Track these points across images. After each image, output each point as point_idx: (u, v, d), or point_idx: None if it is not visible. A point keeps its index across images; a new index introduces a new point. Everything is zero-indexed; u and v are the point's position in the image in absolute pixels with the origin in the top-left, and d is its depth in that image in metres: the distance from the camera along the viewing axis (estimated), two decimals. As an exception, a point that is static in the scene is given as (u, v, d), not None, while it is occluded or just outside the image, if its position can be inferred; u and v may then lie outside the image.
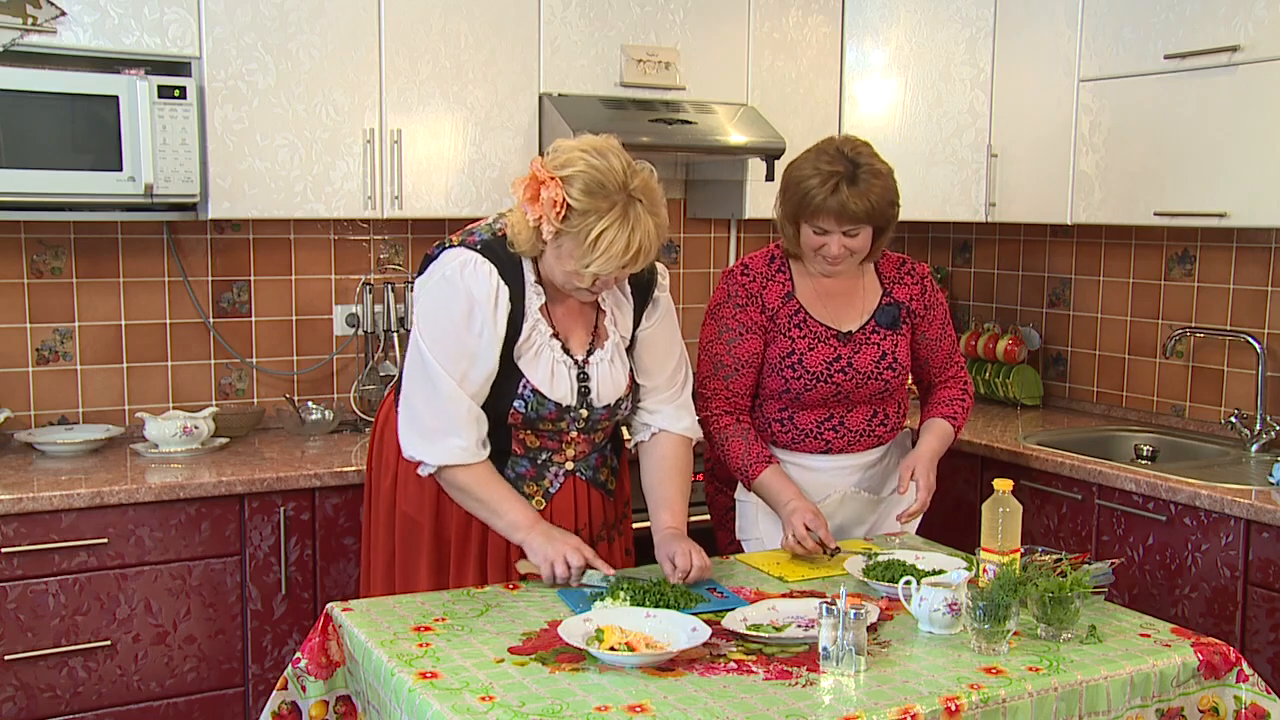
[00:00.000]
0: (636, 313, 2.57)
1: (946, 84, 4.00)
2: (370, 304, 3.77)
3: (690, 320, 4.36)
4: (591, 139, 2.36)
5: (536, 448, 2.51)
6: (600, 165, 2.28)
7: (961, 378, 2.99)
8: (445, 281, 2.39)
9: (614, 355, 2.53)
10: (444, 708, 1.82)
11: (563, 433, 2.51)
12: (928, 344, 2.92)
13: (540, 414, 2.44)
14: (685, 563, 2.39)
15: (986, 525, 2.24)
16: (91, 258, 3.47)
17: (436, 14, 3.46)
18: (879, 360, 2.83)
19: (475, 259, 2.38)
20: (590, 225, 2.27)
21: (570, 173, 2.28)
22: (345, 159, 3.38)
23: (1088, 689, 1.98)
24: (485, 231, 2.44)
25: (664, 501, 2.57)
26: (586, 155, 2.30)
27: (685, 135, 3.64)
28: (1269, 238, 3.61)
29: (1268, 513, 2.91)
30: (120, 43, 3.10)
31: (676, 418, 2.63)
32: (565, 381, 2.45)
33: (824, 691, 1.90)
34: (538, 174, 2.30)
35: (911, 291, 2.89)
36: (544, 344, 2.44)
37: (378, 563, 2.62)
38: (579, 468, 2.57)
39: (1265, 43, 3.21)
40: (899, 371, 2.86)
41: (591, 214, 2.27)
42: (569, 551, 2.35)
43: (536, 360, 2.43)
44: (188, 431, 3.30)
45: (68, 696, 2.94)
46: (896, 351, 2.85)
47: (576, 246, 2.29)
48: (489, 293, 2.37)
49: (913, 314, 2.90)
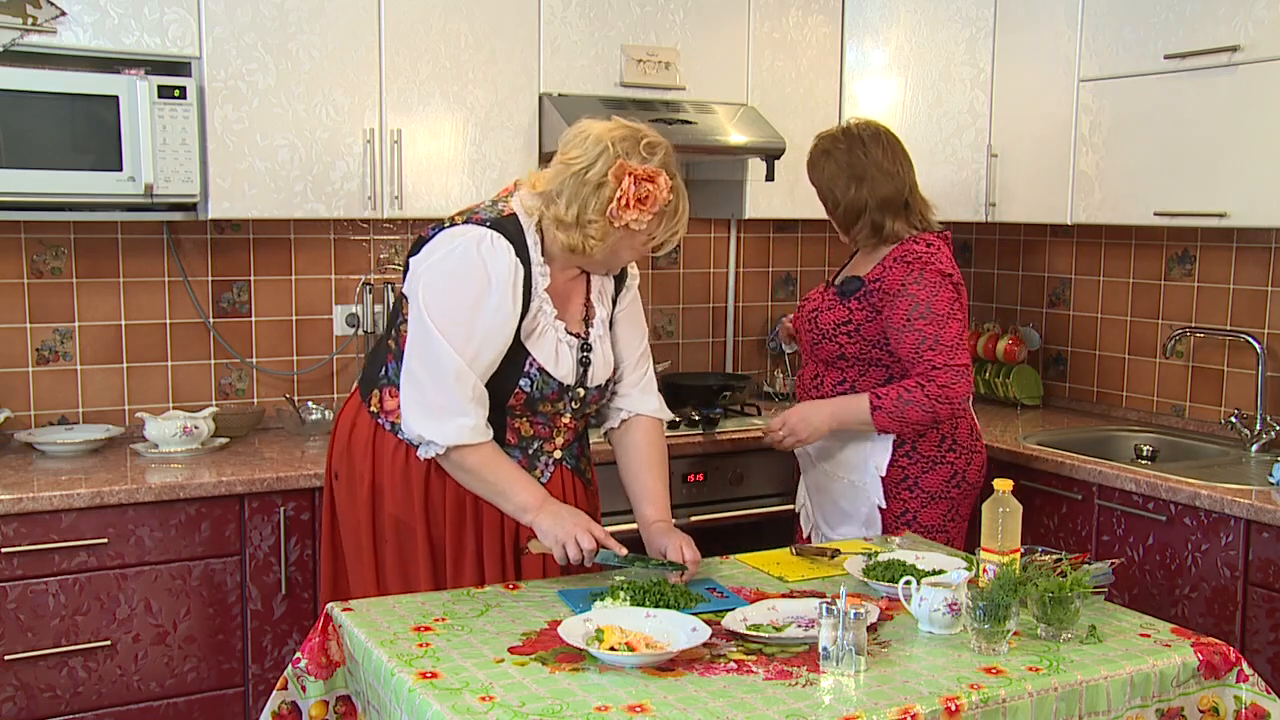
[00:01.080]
0: (615, 293, 2.59)
1: (946, 84, 4.00)
2: (370, 304, 3.77)
3: (690, 320, 4.37)
4: (612, 124, 2.39)
5: (530, 436, 2.51)
6: (656, 140, 2.37)
7: (925, 377, 2.90)
8: (460, 257, 2.34)
9: (604, 332, 2.55)
10: (444, 708, 1.82)
11: (557, 416, 2.50)
12: (892, 333, 2.98)
13: (544, 394, 2.44)
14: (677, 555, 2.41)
15: (986, 525, 2.23)
16: (91, 258, 3.47)
17: (436, 14, 3.46)
18: (815, 317, 3.10)
19: (492, 235, 2.36)
20: (676, 199, 2.37)
21: (657, 161, 2.34)
22: (345, 159, 3.38)
23: (1088, 689, 1.98)
24: (490, 211, 2.43)
25: (646, 493, 2.56)
26: (647, 134, 2.36)
27: (685, 135, 3.64)
28: (1269, 238, 3.61)
29: (1268, 513, 2.91)
30: (120, 43, 3.10)
31: (644, 400, 2.64)
32: (568, 360, 2.46)
33: (824, 691, 1.90)
34: (637, 172, 2.31)
35: (881, 274, 3.00)
36: (548, 323, 2.44)
37: (362, 573, 2.56)
38: (565, 457, 2.57)
39: (1265, 43, 3.21)
40: (824, 335, 3.06)
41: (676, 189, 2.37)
42: (580, 533, 2.33)
43: (542, 339, 2.43)
44: (188, 431, 3.30)
45: (68, 696, 2.94)
46: (832, 315, 3.06)
47: (666, 220, 2.38)
48: (508, 270, 2.35)
49: (870, 294, 3.00)
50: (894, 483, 3.04)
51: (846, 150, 3.06)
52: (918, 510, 3.04)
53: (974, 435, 3.11)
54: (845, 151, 3.06)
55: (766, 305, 4.48)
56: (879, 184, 3.02)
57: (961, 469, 3.06)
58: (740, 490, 3.68)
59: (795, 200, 3.98)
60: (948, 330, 2.92)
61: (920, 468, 3.03)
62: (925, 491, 3.04)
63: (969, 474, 3.07)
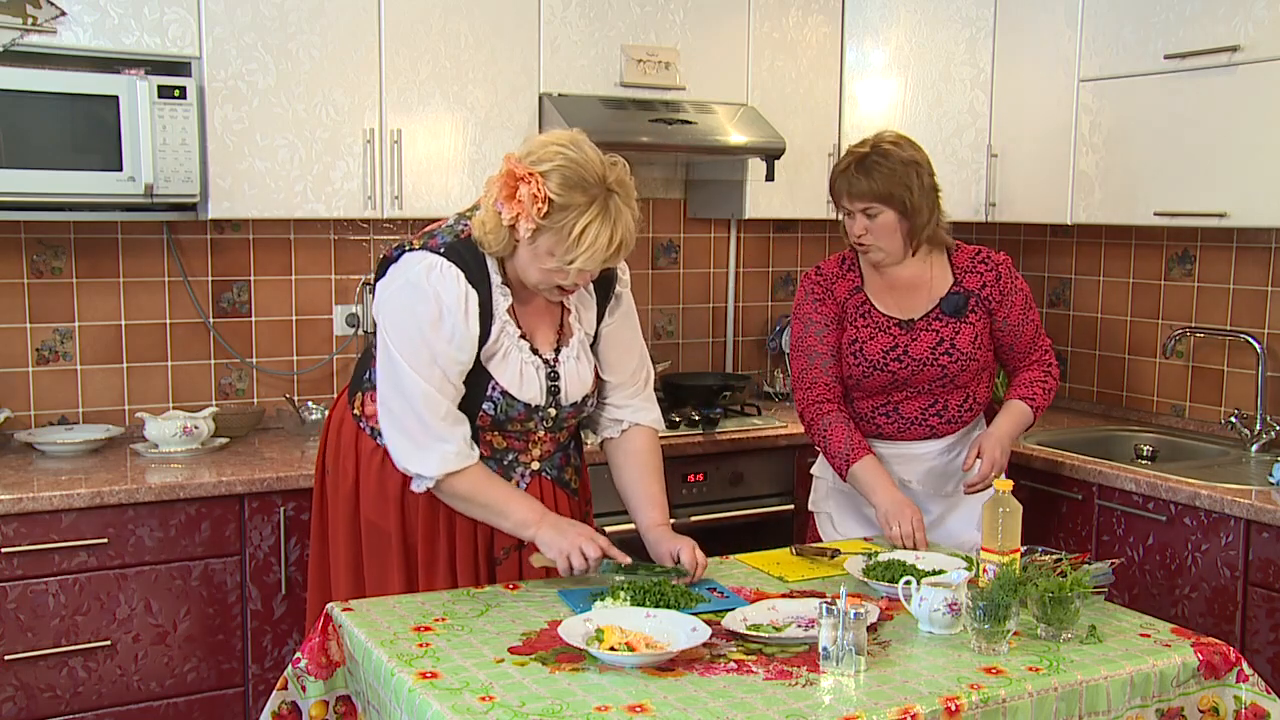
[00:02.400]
0: (599, 309, 2.55)
1: (946, 84, 4.00)
2: (370, 304, 3.77)
3: (690, 319, 4.37)
4: (560, 133, 2.33)
5: (503, 449, 2.49)
6: (578, 158, 2.25)
7: (1046, 360, 3.03)
8: (411, 286, 2.33)
9: (580, 353, 2.51)
10: (444, 708, 1.82)
11: (530, 433, 2.48)
12: (1009, 330, 2.95)
13: (509, 415, 2.42)
14: (690, 558, 2.40)
15: (986, 525, 2.23)
16: (91, 258, 3.47)
17: (436, 14, 3.46)
18: (935, 346, 2.88)
19: (441, 263, 2.33)
20: (572, 220, 2.23)
21: (548, 167, 2.24)
22: (345, 159, 3.38)
23: (1088, 689, 1.98)
24: (447, 234, 2.38)
25: (647, 498, 2.56)
26: (563, 149, 2.26)
27: (685, 135, 3.64)
28: (1269, 238, 3.62)
29: (1268, 513, 2.91)
30: (120, 43, 3.10)
31: (644, 410, 2.62)
32: (535, 382, 2.43)
33: (824, 691, 1.90)
34: (515, 170, 2.25)
35: (985, 279, 2.92)
36: (512, 345, 2.41)
37: (342, 570, 2.56)
38: (544, 467, 2.55)
39: (1265, 43, 3.21)
40: (957, 359, 2.88)
41: (573, 209, 2.23)
42: (584, 543, 2.33)
43: (505, 362, 2.40)
44: (188, 431, 3.30)
45: (68, 696, 2.94)
46: (956, 339, 2.88)
47: (559, 243, 2.26)
48: (458, 297, 2.32)
49: (985, 301, 2.92)
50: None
51: (914, 158, 2.86)
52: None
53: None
54: (914, 159, 2.86)
55: (766, 305, 4.48)
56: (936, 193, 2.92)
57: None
58: (740, 490, 3.68)
59: (795, 200, 3.98)
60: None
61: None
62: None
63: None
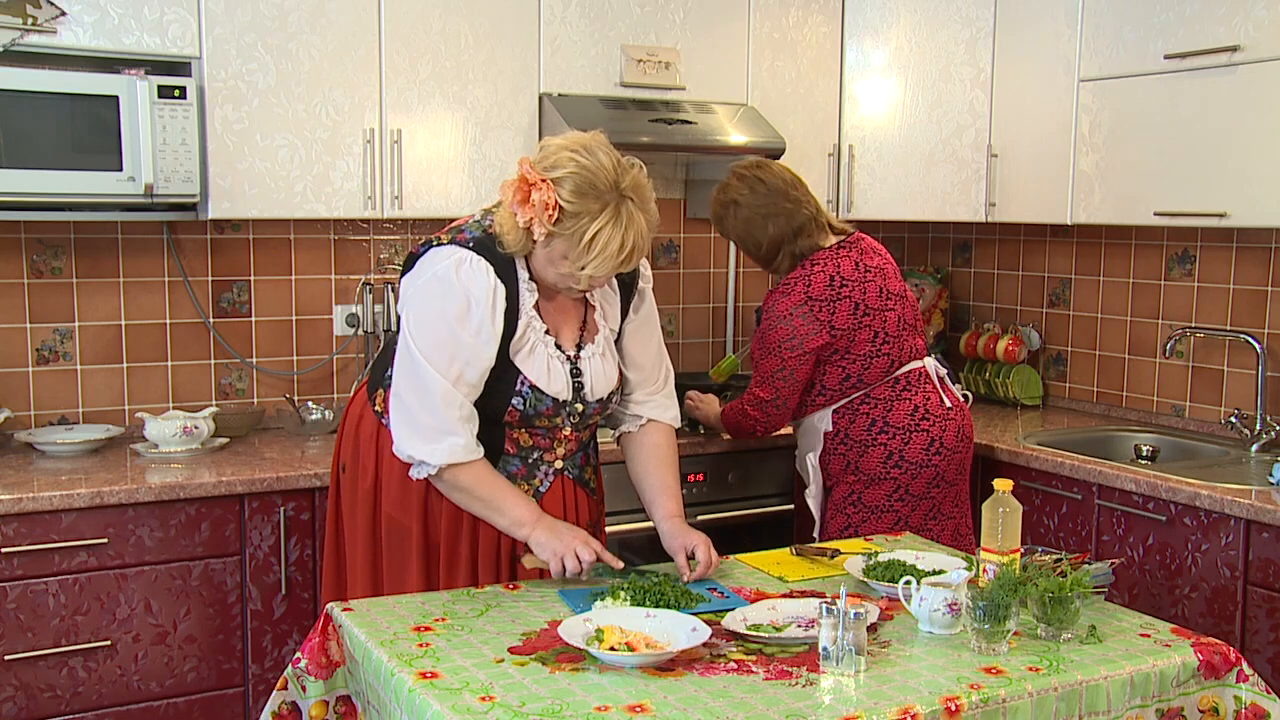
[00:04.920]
0: (623, 306, 2.57)
1: (946, 84, 4.00)
2: (370, 304, 3.77)
3: (691, 320, 4.37)
4: (579, 136, 2.33)
5: (529, 446, 2.50)
6: (591, 164, 2.26)
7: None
8: (440, 280, 2.36)
9: (605, 349, 2.53)
10: (444, 708, 1.82)
11: (557, 429, 2.50)
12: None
13: (538, 410, 2.44)
14: (706, 557, 2.42)
15: (986, 525, 2.24)
16: (91, 258, 3.47)
17: (436, 14, 3.46)
18: None
19: (471, 257, 2.36)
20: (584, 227, 2.25)
21: (561, 174, 2.25)
22: (345, 159, 3.38)
23: (1088, 689, 1.98)
24: (475, 229, 2.41)
25: (663, 488, 2.57)
26: (576, 155, 2.27)
27: (685, 135, 3.64)
28: (1269, 238, 3.61)
29: (1268, 513, 2.91)
30: (120, 43, 3.10)
31: (665, 407, 2.65)
32: (561, 376, 2.45)
33: (824, 691, 1.90)
34: (527, 175, 2.27)
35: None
36: (538, 340, 2.43)
37: (359, 567, 2.57)
38: (567, 466, 2.56)
39: (1265, 43, 3.21)
40: None
41: (584, 215, 2.25)
42: (579, 546, 2.34)
43: (532, 357, 2.42)
44: (188, 431, 3.30)
45: (68, 696, 2.94)
46: None
47: (571, 248, 2.28)
48: (486, 291, 2.35)
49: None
50: (839, 469, 3.24)
51: (750, 194, 3.19)
52: (861, 491, 3.20)
53: (917, 416, 3.18)
54: (749, 195, 3.19)
55: (766, 305, 4.48)
56: (791, 215, 3.17)
57: (898, 449, 3.16)
58: (740, 490, 3.68)
59: (795, 200, 3.98)
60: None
61: (856, 452, 3.20)
62: (865, 473, 3.19)
63: (907, 453, 3.16)
